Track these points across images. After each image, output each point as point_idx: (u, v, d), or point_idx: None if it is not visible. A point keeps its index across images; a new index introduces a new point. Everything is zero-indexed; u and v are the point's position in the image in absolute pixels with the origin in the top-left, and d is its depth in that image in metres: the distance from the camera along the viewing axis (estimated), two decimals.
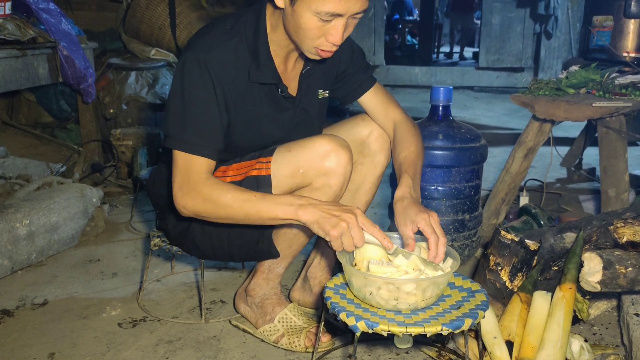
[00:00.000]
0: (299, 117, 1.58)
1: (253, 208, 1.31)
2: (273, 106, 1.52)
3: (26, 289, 2.02)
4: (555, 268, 1.71)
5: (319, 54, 1.37)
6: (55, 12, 2.76)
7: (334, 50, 1.37)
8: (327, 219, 1.25)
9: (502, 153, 3.92)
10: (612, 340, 1.67)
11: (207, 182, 1.36)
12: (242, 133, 1.51)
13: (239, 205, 1.32)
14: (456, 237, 2.11)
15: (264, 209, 1.31)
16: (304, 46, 1.37)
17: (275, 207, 1.30)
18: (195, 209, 1.37)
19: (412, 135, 1.60)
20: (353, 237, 1.23)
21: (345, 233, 1.23)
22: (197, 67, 1.38)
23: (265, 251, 1.57)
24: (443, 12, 12.54)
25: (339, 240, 1.24)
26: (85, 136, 3.31)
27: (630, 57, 2.67)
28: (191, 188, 1.36)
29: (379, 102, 1.66)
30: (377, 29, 8.06)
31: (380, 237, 1.26)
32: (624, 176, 2.21)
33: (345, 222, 1.23)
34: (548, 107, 2.16)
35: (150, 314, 1.85)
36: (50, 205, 2.27)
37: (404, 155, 1.55)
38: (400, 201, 1.39)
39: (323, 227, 1.25)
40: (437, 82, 7.96)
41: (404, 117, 1.65)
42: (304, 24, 1.30)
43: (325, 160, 1.44)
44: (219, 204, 1.34)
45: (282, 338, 1.64)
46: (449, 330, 1.16)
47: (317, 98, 1.61)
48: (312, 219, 1.26)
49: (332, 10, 1.27)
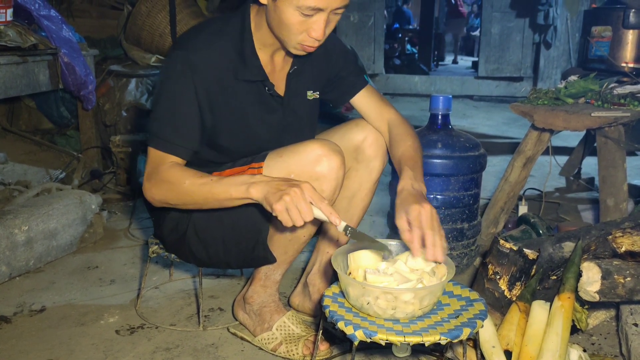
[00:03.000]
0: (288, 119, 1.58)
1: (210, 191, 1.35)
2: (261, 106, 1.53)
3: (24, 295, 2.02)
4: (554, 277, 1.71)
5: (303, 49, 1.40)
6: (56, 19, 2.77)
7: (316, 45, 1.39)
8: (273, 193, 1.26)
9: (501, 162, 3.92)
10: (611, 350, 1.66)
11: (171, 171, 1.40)
12: (231, 134, 1.52)
13: (198, 190, 1.36)
14: (455, 246, 2.11)
15: (220, 190, 1.34)
16: (287, 42, 1.39)
17: (229, 187, 1.33)
18: (162, 198, 1.42)
19: (408, 132, 1.60)
20: (300, 210, 1.23)
21: (291, 207, 1.23)
22: (181, 66, 1.41)
23: (261, 257, 1.57)
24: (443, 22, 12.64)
25: (286, 214, 1.24)
26: (85, 143, 3.31)
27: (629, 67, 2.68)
28: (158, 179, 1.41)
29: (372, 103, 1.67)
30: (377, 37, 8.08)
31: (328, 212, 1.26)
32: (622, 186, 2.21)
33: (290, 195, 1.23)
34: (547, 116, 2.17)
35: (148, 321, 1.84)
36: (49, 212, 2.27)
37: (401, 150, 1.55)
38: (400, 193, 1.38)
39: (269, 202, 1.26)
40: (437, 91, 7.98)
41: (398, 116, 1.66)
42: (286, 19, 1.33)
43: (316, 165, 1.45)
44: (181, 191, 1.38)
45: (280, 346, 1.64)
46: (448, 339, 1.16)
47: (307, 99, 1.62)
48: (261, 195, 1.29)
49: (314, 5, 1.29)
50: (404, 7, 12.08)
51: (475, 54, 11.26)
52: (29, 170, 2.88)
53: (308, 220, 1.25)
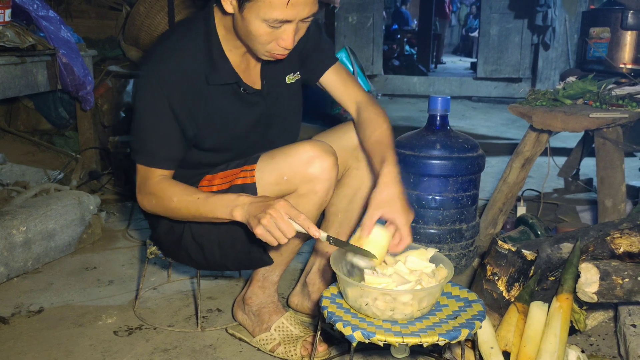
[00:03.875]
0: (271, 109, 1.57)
1: (197, 210, 1.39)
2: (241, 103, 1.52)
3: (22, 296, 2.02)
4: (552, 278, 1.71)
5: (273, 56, 1.40)
6: (54, 20, 2.77)
7: (287, 53, 1.39)
8: (253, 217, 1.28)
9: (500, 163, 3.92)
10: (609, 351, 1.66)
11: (158, 186, 1.43)
12: (216, 135, 1.51)
13: (185, 207, 1.40)
14: (453, 247, 2.11)
15: (206, 210, 1.38)
16: (256, 50, 1.40)
17: (215, 208, 1.36)
18: (152, 209, 1.47)
19: (380, 115, 1.56)
20: (280, 229, 1.25)
21: (271, 228, 1.25)
22: (149, 83, 1.41)
23: (257, 259, 1.57)
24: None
25: (268, 235, 1.26)
26: (83, 143, 3.31)
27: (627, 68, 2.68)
28: (146, 192, 1.45)
29: (340, 81, 1.62)
30: (376, 39, 8.08)
31: (306, 225, 1.27)
32: (620, 187, 2.21)
33: (266, 218, 1.25)
34: (545, 117, 2.17)
35: (146, 322, 1.84)
36: (47, 212, 2.27)
37: (378, 133, 1.50)
38: (388, 185, 1.34)
39: (251, 224, 1.29)
40: (435, 91, 7.99)
41: (368, 97, 1.61)
42: (254, 31, 1.32)
43: (309, 166, 1.44)
44: (169, 207, 1.43)
45: (279, 347, 1.63)
46: (446, 340, 1.16)
47: (286, 84, 1.60)
48: (243, 219, 1.32)
49: (281, 17, 1.28)
50: (402, 8, 12.09)
51: (474, 55, 11.27)
52: (27, 171, 2.88)
53: (290, 236, 1.27)
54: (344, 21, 7.82)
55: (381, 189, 1.34)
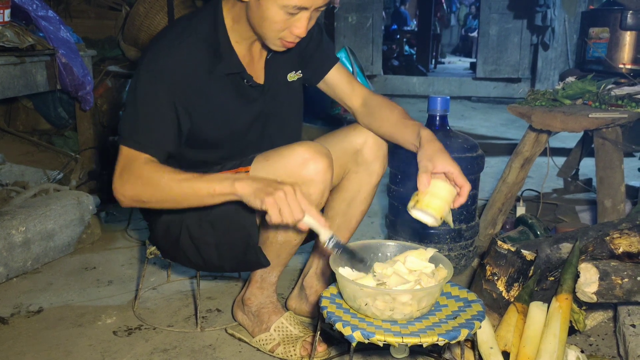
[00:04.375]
0: (269, 106, 1.57)
1: (190, 187, 1.31)
2: (240, 99, 1.51)
3: (21, 296, 2.02)
4: (552, 278, 1.71)
5: (284, 44, 1.40)
6: (54, 20, 2.77)
7: (297, 42, 1.40)
8: (261, 189, 1.25)
9: (499, 163, 3.93)
10: (609, 351, 1.66)
11: (146, 167, 1.36)
12: (213, 129, 1.50)
13: (177, 185, 1.32)
14: (453, 247, 2.11)
15: (201, 185, 1.31)
16: (268, 38, 1.39)
17: (212, 183, 1.30)
18: (135, 194, 1.36)
19: (389, 100, 1.63)
20: (291, 207, 1.23)
21: (283, 203, 1.23)
22: (150, 75, 1.39)
23: (254, 261, 1.55)
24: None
25: (276, 209, 1.23)
26: (83, 143, 3.30)
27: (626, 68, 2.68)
28: (131, 174, 1.36)
29: (344, 80, 1.66)
30: (375, 39, 8.09)
31: (317, 216, 1.26)
32: (620, 187, 2.21)
33: (283, 192, 1.23)
34: (545, 117, 2.17)
35: (146, 322, 1.84)
36: (46, 213, 2.27)
37: (397, 112, 1.58)
38: (433, 141, 1.44)
39: (259, 197, 1.25)
40: (435, 92, 7.99)
41: (371, 92, 1.67)
42: (270, 17, 1.33)
43: (303, 168, 1.43)
44: (158, 186, 1.33)
45: (278, 347, 1.63)
46: (445, 340, 1.16)
47: (288, 82, 1.61)
48: (248, 191, 1.27)
49: (299, 4, 1.30)
50: (401, 8, 12.09)
51: (473, 55, 11.27)
52: (26, 171, 2.87)
53: (299, 218, 1.25)
54: (343, 21, 7.83)
55: (426, 147, 1.42)
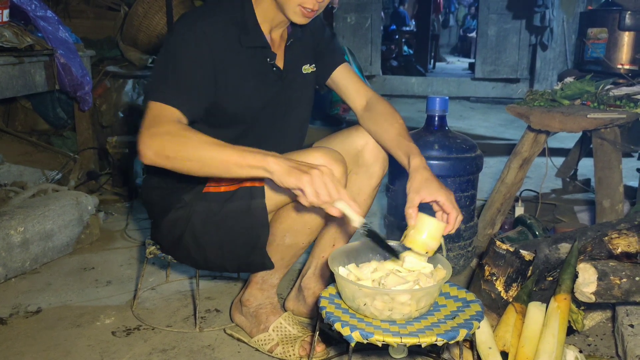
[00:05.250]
0: (286, 92, 1.60)
1: (221, 152, 1.27)
2: (261, 78, 1.53)
3: (20, 296, 2.01)
4: (550, 279, 1.71)
5: (303, 13, 1.42)
6: (52, 20, 2.77)
7: (316, 9, 1.42)
8: (298, 167, 1.23)
9: (498, 163, 3.93)
10: (607, 351, 1.67)
11: (177, 124, 1.33)
12: (230, 103, 1.51)
13: (207, 147, 1.28)
14: (452, 247, 2.11)
15: (232, 152, 1.27)
16: (288, 6, 1.42)
17: (244, 152, 1.27)
18: (161, 148, 1.29)
19: (393, 109, 1.64)
20: (328, 187, 1.21)
21: (319, 182, 1.20)
22: (192, 32, 1.40)
23: (258, 263, 1.55)
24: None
25: (313, 188, 1.20)
26: (82, 144, 3.30)
27: (625, 69, 2.69)
28: (161, 127, 1.31)
29: (350, 80, 1.69)
30: (374, 39, 8.09)
31: (350, 202, 1.24)
32: (618, 187, 2.22)
33: (319, 171, 1.21)
34: (543, 118, 2.18)
35: (145, 322, 1.84)
36: (45, 213, 2.27)
37: (397, 126, 1.58)
38: (420, 170, 1.42)
39: (294, 174, 1.21)
40: (434, 92, 7.99)
41: (376, 94, 1.69)
42: None
43: None
44: (187, 144, 1.28)
45: (277, 347, 1.63)
46: (444, 340, 1.16)
47: (302, 73, 1.63)
48: (280, 168, 1.23)
49: None
50: (400, 9, 12.09)
51: (472, 55, 11.28)
52: (25, 171, 2.87)
53: (336, 198, 1.21)
54: (342, 21, 7.83)
55: (414, 176, 1.41)
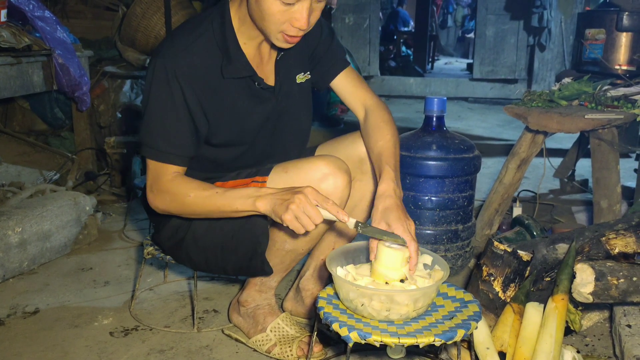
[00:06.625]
0: (282, 105, 1.57)
1: (214, 204, 1.37)
2: (252, 99, 1.51)
3: (17, 297, 2.01)
4: (548, 279, 1.71)
5: (286, 39, 1.37)
6: (50, 20, 2.76)
7: (300, 35, 1.37)
8: (279, 205, 1.28)
9: (496, 164, 3.93)
10: (604, 352, 1.67)
11: (172, 183, 1.42)
12: (227, 130, 1.50)
13: (202, 202, 1.38)
14: (449, 248, 2.11)
15: (225, 203, 1.36)
16: (270, 33, 1.37)
17: (235, 200, 1.34)
18: (165, 208, 1.44)
19: (387, 121, 1.56)
20: (308, 215, 1.25)
21: (299, 214, 1.25)
22: (165, 74, 1.38)
23: (258, 268, 1.54)
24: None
25: (295, 222, 1.26)
26: (79, 144, 3.30)
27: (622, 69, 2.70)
28: (159, 189, 1.43)
29: (350, 85, 1.63)
30: (372, 39, 8.09)
31: (335, 211, 1.26)
32: (616, 188, 2.22)
33: (295, 203, 1.25)
34: (541, 118, 2.18)
35: (143, 323, 1.84)
36: (43, 213, 2.26)
37: (381, 144, 1.51)
38: (382, 198, 1.35)
39: (277, 214, 1.28)
40: (432, 92, 8.00)
41: (377, 101, 1.62)
42: (267, 9, 1.31)
43: (322, 183, 1.43)
44: (185, 203, 1.40)
45: (275, 348, 1.63)
46: (442, 341, 1.16)
47: (296, 83, 1.59)
48: (268, 208, 1.30)
49: None
50: (399, 9, 12.09)
51: (470, 56, 11.28)
52: (22, 172, 2.87)
53: (318, 222, 1.26)
54: (340, 22, 7.83)
55: (376, 204, 1.36)
